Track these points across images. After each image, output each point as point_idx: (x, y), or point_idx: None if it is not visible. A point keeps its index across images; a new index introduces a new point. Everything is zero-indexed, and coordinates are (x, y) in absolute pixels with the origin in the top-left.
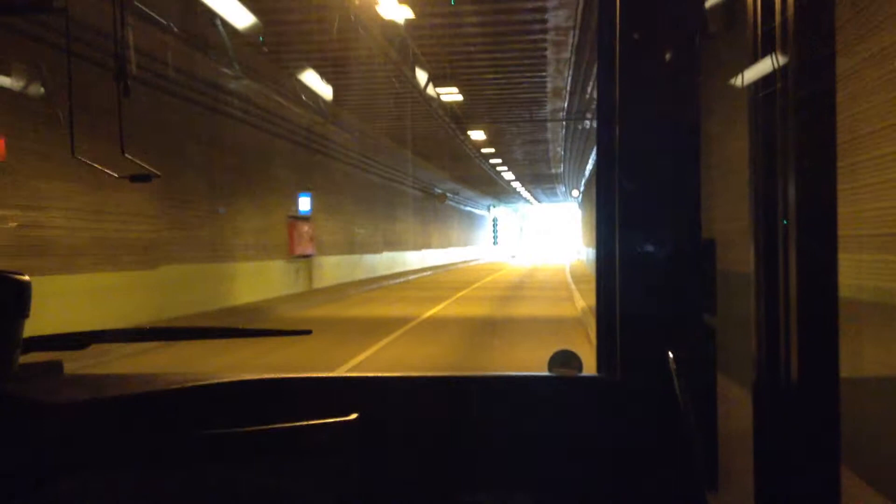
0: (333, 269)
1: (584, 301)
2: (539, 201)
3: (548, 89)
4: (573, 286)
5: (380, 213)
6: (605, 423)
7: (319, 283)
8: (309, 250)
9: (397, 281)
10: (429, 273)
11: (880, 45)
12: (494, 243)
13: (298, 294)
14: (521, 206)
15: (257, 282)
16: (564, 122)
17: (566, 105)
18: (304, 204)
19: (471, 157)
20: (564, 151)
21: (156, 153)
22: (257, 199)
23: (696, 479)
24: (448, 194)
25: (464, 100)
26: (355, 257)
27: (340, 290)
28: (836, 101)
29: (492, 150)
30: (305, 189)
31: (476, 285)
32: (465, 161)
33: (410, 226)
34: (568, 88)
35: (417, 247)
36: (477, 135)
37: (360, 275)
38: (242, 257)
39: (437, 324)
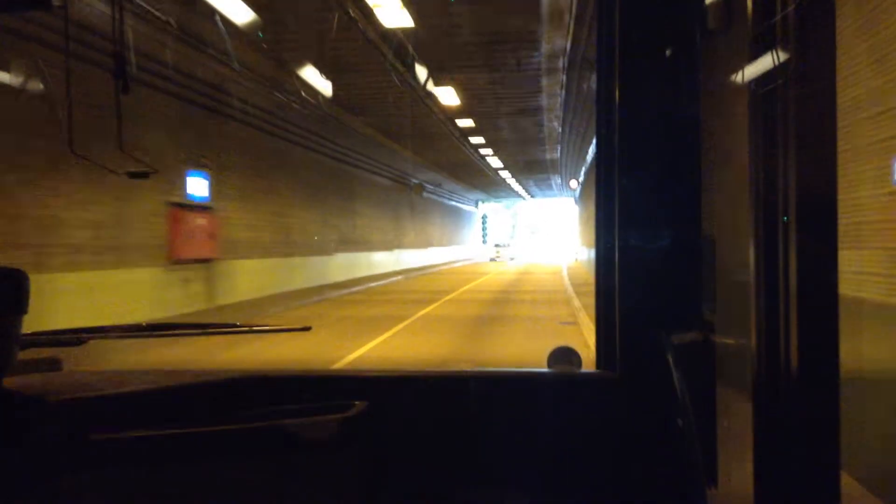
0: (253, 276)
1: None
2: (532, 195)
3: (543, 8)
4: (576, 301)
5: (332, 204)
6: (604, 420)
7: (227, 297)
8: (208, 252)
9: (349, 291)
10: (397, 279)
11: None
12: (484, 242)
13: (185, 316)
14: (512, 201)
15: (99, 302)
16: (565, 77)
17: (568, 46)
18: (198, 187)
19: (448, 137)
20: (562, 127)
21: None
22: (105, 176)
23: (695, 475)
24: (427, 185)
25: (416, 27)
26: (292, 260)
27: (256, 308)
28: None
29: (470, 122)
30: (201, 166)
31: (450, 297)
32: (443, 143)
33: (377, 221)
34: (573, 10)
35: (388, 246)
36: (447, 96)
37: (299, 283)
38: (67, 265)
39: None
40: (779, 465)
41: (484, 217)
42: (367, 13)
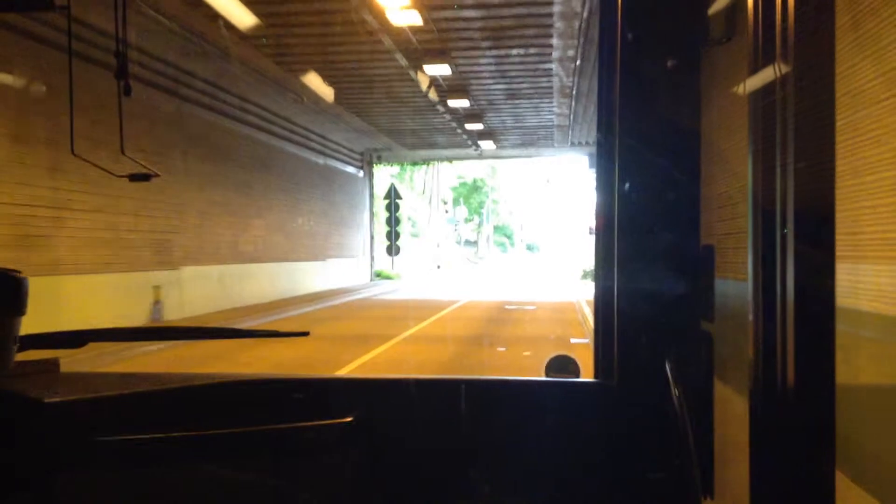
0: None
1: None
2: (503, 147)
3: None
4: None
5: None
6: (601, 429)
7: None
8: None
9: None
10: None
11: None
12: (392, 252)
13: None
14: (460, 161)
15: None
16: None
17: None
18: None
19: None
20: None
21: None
22: None
23: (692, 486)
24: None
25: None
26: None
27: None
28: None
29: None
30: None
31: None
32: None
33: None
34: None
35: None
36: None
37: None
38: None
39: None
40: (775, 477)
41: (392, 197)
42: None
